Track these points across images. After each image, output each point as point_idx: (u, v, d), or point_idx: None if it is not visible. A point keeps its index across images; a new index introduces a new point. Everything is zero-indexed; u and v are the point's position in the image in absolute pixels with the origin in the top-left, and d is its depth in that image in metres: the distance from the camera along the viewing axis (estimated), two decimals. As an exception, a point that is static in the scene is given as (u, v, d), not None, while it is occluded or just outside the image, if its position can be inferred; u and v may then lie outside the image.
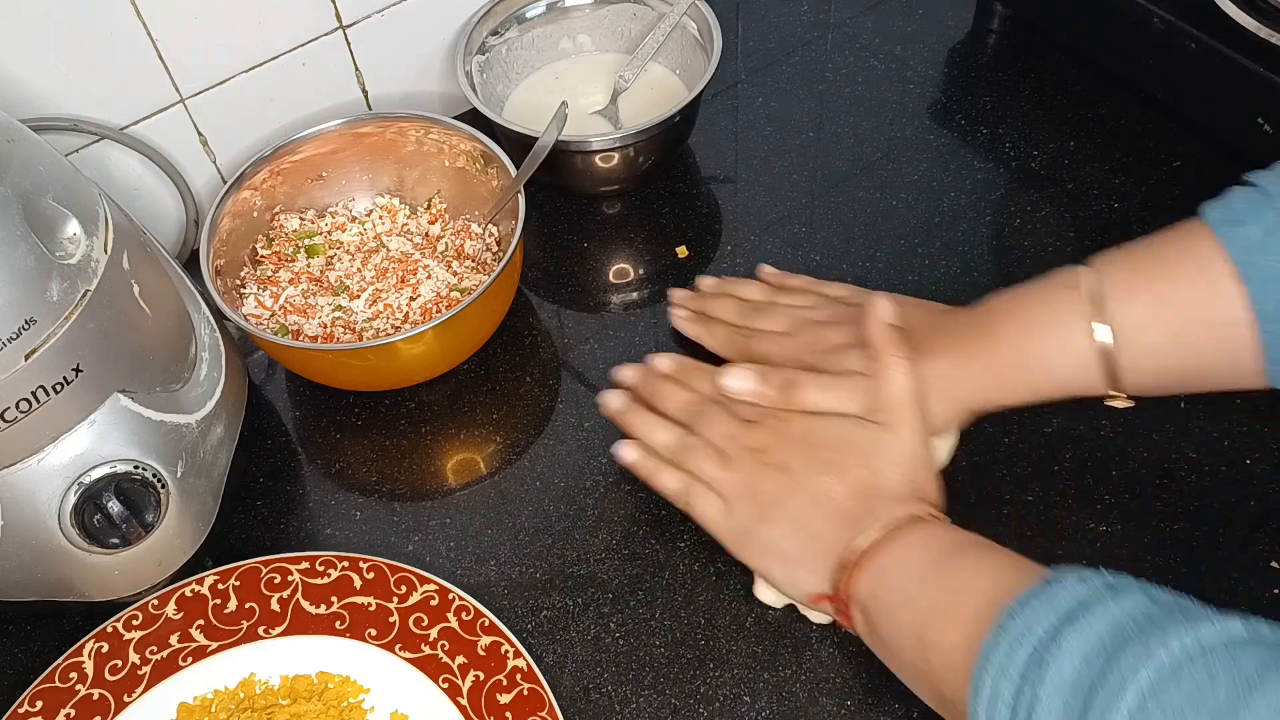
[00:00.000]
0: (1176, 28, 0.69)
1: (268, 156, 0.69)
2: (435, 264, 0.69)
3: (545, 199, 0.77)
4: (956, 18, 0.87)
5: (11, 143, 0.50)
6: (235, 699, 0.54)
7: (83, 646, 0.56)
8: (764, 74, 0.85)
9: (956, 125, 0.79)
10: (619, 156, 0.72)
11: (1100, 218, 0.72)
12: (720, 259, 0.73)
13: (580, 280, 0.74)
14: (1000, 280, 0.70)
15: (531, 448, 0.65)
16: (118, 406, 0.53)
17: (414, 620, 0.56)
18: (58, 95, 0.65)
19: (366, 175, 0.74)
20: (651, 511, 0.61)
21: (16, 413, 0.49)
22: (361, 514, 0.63)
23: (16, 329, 0.47)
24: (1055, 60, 0.82)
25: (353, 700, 0.54)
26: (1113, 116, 0.78)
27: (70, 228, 0.51)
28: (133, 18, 0.65)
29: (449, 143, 0.71)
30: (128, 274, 0.54)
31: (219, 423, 0.59)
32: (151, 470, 0.55)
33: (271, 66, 0.72)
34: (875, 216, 0.74)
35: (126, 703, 0.54)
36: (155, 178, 0.72)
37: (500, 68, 0.80)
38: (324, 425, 0.67)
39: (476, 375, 0.68)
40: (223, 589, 0.57)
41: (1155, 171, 0.75)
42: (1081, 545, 0.58)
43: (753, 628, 0.56)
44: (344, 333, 0.66)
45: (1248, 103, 0.67)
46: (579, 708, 0.54)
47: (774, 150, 0.79)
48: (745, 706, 0.54)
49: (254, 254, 0.71)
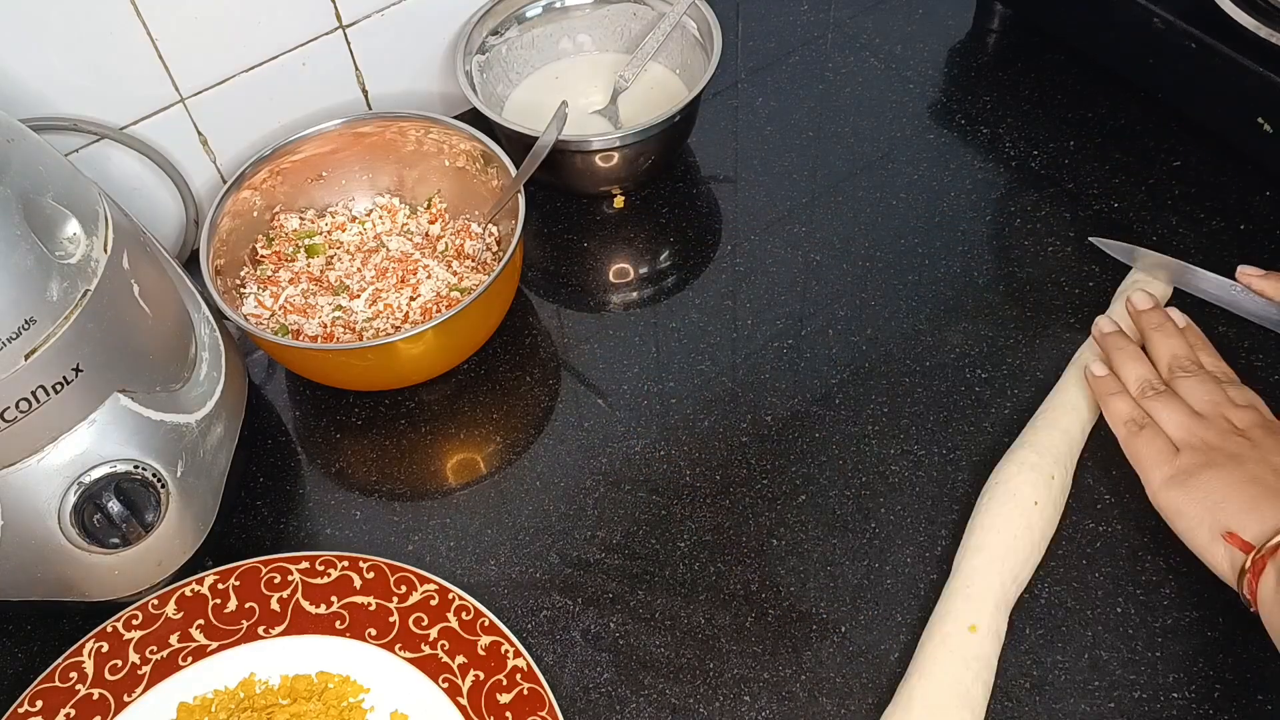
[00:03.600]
0: (1176, 28, 0.69)
1: (268, 156, 0.69)
2: (435, 264, 0.69)
3: (545, 199, 0.77)
4: (956, 18, 0.87)
5: (11, 143, 0.50)
6: (235, 699, 0.54)
7: (83, 646, 0.56)
8: (764, 74, 0.85)
9: (956, 125, 0.79)
10: (619, 156, 0.72)
11: (1100, 218, 0.72)
12: (720, 259, 0.73)
13: (580, 280, 0.74)
14: (1000, 280, 0.70)
15: (531, 448, 0.65)
16: (118, 406, 0.53)
17: (414, 620, 0.56)
18: (58, 95, 0.65)
19: (366, 175, 0.74)
20: (652, 511, 0.61)
21: (16, 413, 0.49)
22: (361, 514, 0.63)
23: (16, 329, 0.47)
24: (1055, 60, 0.82)
25: (353, 700, 0.54)
26: (1113, 116, 0.78)
27: (70, 228, 0.51)
28: (132, 18, 0.65)
29: (449, 142, 0.71)
30: (128, 274, 0.54)
31: (219, 423, 0.59)
32: (151, 470, 0.55)
33: (271, 66, 0.72)
34: (875, 216, 0.74)
35: (126, 702, 0.54)
36: (155, 178, 0.72)
37: (500, 67, 0.80)
38: (324, 425, 0.67)
39: (476, 375, 0.68)
40: (223, 589, 0.57)
41: (1155, 171, 0.75)
42: (1081, 545, 0.58)
43: (753, 628, 0.56)
44: (344, 333, 0.66)
45: (1248, 103, 0.67)
46: (579, 708, 0.54)
47: (774, 150, 0.79)
48: (745, 706, 0.54)
49: (254, 254, 0.71)
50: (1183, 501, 0.53)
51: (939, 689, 0.51)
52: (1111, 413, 0.58)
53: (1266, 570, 0.49)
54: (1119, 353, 0.60)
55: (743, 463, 0.63)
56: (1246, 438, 0.54)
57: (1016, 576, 0.55)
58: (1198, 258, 0.69)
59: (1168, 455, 0.55)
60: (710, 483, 0.62)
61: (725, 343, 0.69)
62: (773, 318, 0.70)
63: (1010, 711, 0.53)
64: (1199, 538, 0.52)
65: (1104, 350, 0.61)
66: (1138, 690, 0.53)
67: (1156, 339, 0.60)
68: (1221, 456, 0.53)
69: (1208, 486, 0.52)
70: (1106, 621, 0.55)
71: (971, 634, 0.53)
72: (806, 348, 0.68)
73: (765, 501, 0.61)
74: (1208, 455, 0.54)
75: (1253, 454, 0.53)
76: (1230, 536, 0.51)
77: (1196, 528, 0.52)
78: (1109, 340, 0.61)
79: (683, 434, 0.65)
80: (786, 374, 0.67)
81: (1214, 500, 0.52)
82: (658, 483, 0.63)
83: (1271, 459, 0.52)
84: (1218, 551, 0.51)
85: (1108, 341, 0.61)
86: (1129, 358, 0.60)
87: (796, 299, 0.71)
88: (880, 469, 0.62)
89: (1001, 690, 0.53)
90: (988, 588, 0.54)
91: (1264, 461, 0.52)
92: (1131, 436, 0.57)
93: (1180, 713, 0.52)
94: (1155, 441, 0.56)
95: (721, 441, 0.64)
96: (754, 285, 0.71)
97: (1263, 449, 0.53)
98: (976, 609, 0.54)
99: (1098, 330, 0.63)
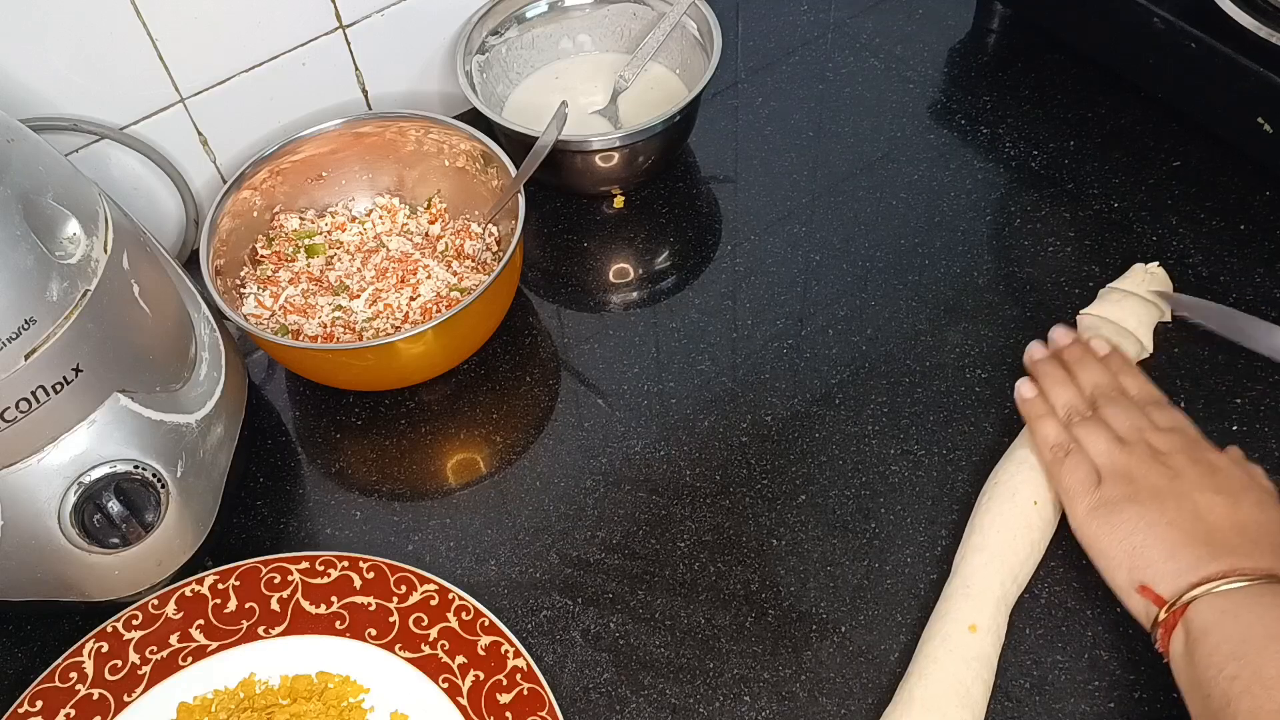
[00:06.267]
0: (1176, 28, 0.69)
1: (268, 156, 0.69)
2: (435, 264, 0.69)
3: (545, 199, 0.77)
4: (956, 18, 0.87)
5: (11, 143, 0.50)
6: (235, 699, 0.54)
7: (83, 646, 0.56)
8: (764, 74, 0.85)
9: (956, 125, 0.79)
10: (619, 156, 0.72)
11: (1100, 218, 0.72)
12: (720, 259, 0.73)
13: (580, 280, 0.74)
14: (1000, 280, 0.70)
15: (531, 448, 0.65)
16: (118, 406, 0.53)
17: (414, 620, 0.56)
18: (58, 95, 0.65)
19: (366, 175, 0.74)
20: (652, 511, 0.61)
21: (16, 413, 0.49)
22: (361, 514, 0.63)
23: (16, 329, 0.47)
24: (1055, 60, 0.82)
25: (353, 700, 0.54)
26: (1113, 116, 0.78)
27: (70, 228, 0.51)
28: (133, 18, 0.65)
29: (449, 143, 0.71)
30: (127, 274, 0.54)
31: (219, 423, 0.59)
32: (151, 470, 0.55)
33: (271, 66, 0.72)
34: (875, 216, 0.74)
35: (126, 702, 0.54)
36: (155, 178, 0.72)
37: (500, 68, 0.80)
38: (324, 425, 0.67)
39: (476, 375, 0.68)
40: (223, 589, 0.57)
41: (1155, 171, 0.75)
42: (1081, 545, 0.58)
43: (753, 628, 0.56)
44: (344, 333, 0.66)
45: (1248, 103, 0.67)
46: (579, 708, 0.54)
47: (774, 150, 0.79)
48: (745, 706, 0.54)
49: (254, 254, 0.71)
50: (1104, 539, 0.53)
51: (939, 689, 0.51)
52: (1038, 436, 0.58)
53: (1177, 630, 0.49)
54: (1047, 378, 0.60)
55: (743, 463, 0.63)
56: (1169, 466, 0.53)
57: (1016, 576, 0.55)
58: (1198, 257, 0.69)
59: (1090, 484, 0.54)
60: (710, 483, 0.62)
61: (725, 343, 0.69)
62: (773, 318, 0.70)
63: (1010, 711, 0.53)
64: (1117, 580, 0.52)
65: (1034, 376, 0.61)
66: (1138, 690, 0.53)
67: (1079, 371, 0.60)
68: (1144, 491, 0.52)
69: (1129, 526, 0.52)
70: (1106, 621, 0.55)
71: (971, 634, 0.53)
72: (806, 348, 0.68)
73: (765, 501, 0.61)
74: (1130, 487, 0.53)
75: (1173, 489, 0.52)
76: (1144, 590, 0.50)
77: (1115, 570, 0.52)
78: (1039, 366, 0.61)
79: (683, 434, 0.65)
80: (786, 374, 0.67)
81: (1134, 544, 0.51)
82: (658, 483, 0.63)
83: (1192, 496, 0.52)
84: (1134, 600, 0.51)
85: (1038, 368, 0.61)
86: (1057, 383, 0.60)
87: (796, 299, 0.71)
88: (880, 469, 0.62)
89: (1001, 690, 0.53)
90: (988, 588, 0.54)
91: (1184, 499, 0.52)
92: (1056, 463, 0.56)
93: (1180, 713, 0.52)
94: (1079, 470, 0.55)
95: (721, 441, 0.64)
96: (754, 285, 0.71)
97: (1184, 481, 0.52)
98: (976, 609, 0.54)
99: (1029, 357, 0.62)
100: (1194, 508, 0.51)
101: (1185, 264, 0.69)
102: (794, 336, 0.69)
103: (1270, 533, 0.50)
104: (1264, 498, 0.52)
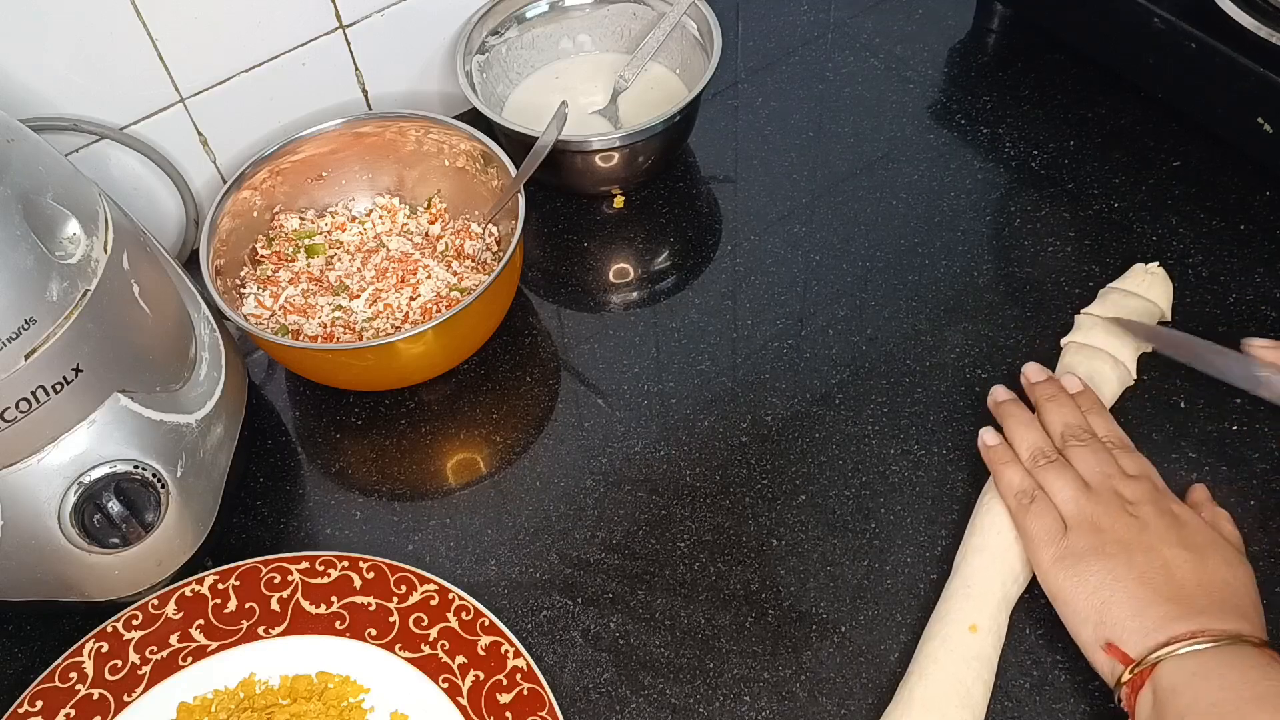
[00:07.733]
0: (1176, 28, 0.69)
1: (268, 156, 0.69)
2: (435, 264, 0.69)
3: (545, 199, 0.77)
4: (956, 18, 0.87)
5: (11, 143, 0.50)
6: (235, 699, 0.54)
7: (83, 646, 0.56)
8: (764, 74, 0.85)
9: (956, 125, 0.79)
10: (619, 156, 0.72)
11: (1100, 218, 0.72)
12: (720, 259, 0.73)
13: (580, 280, 0.74)
14: (1000, 280, 0.70)
15: (531, 448, 0.65)
16: (118, 406, 0.53)
17: (414, 620, 0.56)
18: (58, 95, 0.65)
19: (366, 175, 0.74)
20: (651, 511, 0.61)
21: (16, 413, 0.49)
22: (361, 514, 0.63)
23: (16, 329, 0.47)
24: (1055, 60, 0.82)
25: (353, 700, 0.54)
26: (1113, 116, 0.78)
27: (70, 228, 0.51)
28: (133, 18, 0.65)
29: (449, 143, 0.71)
30: (127, 274, 0.54)
31: (219, 423, 0.59)
32: (151, 470, 0.55)
33: (271, 66, 0.72)
34: (875, 216, 0.74)
35: (126, 702, 0.54)
36: (155, 178, 0.72)
37: (500, 68, 0.80)
38: (324, 425, 0.67)
39: (476, 375, 0.68)
40: (223, 589, 0.57)
41: (1155, 171, 0.75)
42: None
43: (752, 628, 0.56)
44: (344, 333, 0.66)
45: (1248, 103, 0.67)
46: (579, 708, 0.54)
47: (774, 150, 0.79)
48: (745, 706, 0.54)
49: (254, 254, 0.71)
50: (1070, 590, 0.52)
51: (939, 689, 0.51)
52: (1002, 483, 0.57)
53: (1144, 690, 0.48)
54: (1011, 419, 0.60)
55: (743, 463, 0.63)
56: (1136, 516, 0.53)
57: (1017, 577, 0.55)
58: (1198, 257, 0.69)
59: (1056, 533, 0.54)
60: (710, 483, 0.62)
61: (725, 343, 0.69)
62: (773, 318, 0.70)
63: (1010, 711, 0.53)
64: (1082, 635, 0.52)
65: (999, 418, 0.60)
66: (1138, 690, 0.53)
67: (1049, 409, 0.59)
68: (1111, 544, 0.52)
69: (1096, 580, 0.51)
70: (1106, 621, 0.55)
71: (972, 634, 0.53)
72: (806, 348, 0.68)
73: (765, 501, 0.61)
74: (1097, 538, 0.52)
75: (1141, 541, 0.52)
76: (1110, 648, 0.50)
77: (1081, 625, 0.51)
78: (1002, 409, 0.61)
79: (683, 434, 0.65)
80: (786, 374, 0.67)
81: (1101, 598, 0.51)
82: (658, 483, 0.63)
83: (1160, 550, 0.51)
84: (1099, 656, 0.51)
85: (1001, 410, 0.61)
86: (1021, 424, 0.59)
87: (796, 299, 0.71)
88: (880, 469, 0.62)
89: (1001, 690, 0.53)
90: (988, 588, 0.54)
91: (1152, 553, 0.51)
92: (1021, 510, 0.55)
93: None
94: (1044, 518, 0.54)
95: (721, 441, 0.64)
96: (754, 285, 0.71)
97: (1151, 533, 0.52)
98: (977, 609, 0.54)
99: (993, 399, 0.62)
100: (1162, 563, 0.51)
101: (1185, 264, 0.69)
102: (794, 336, 0.69)
103: (1236, 592, 0.50)
104: (1230, 556, 0.52)
